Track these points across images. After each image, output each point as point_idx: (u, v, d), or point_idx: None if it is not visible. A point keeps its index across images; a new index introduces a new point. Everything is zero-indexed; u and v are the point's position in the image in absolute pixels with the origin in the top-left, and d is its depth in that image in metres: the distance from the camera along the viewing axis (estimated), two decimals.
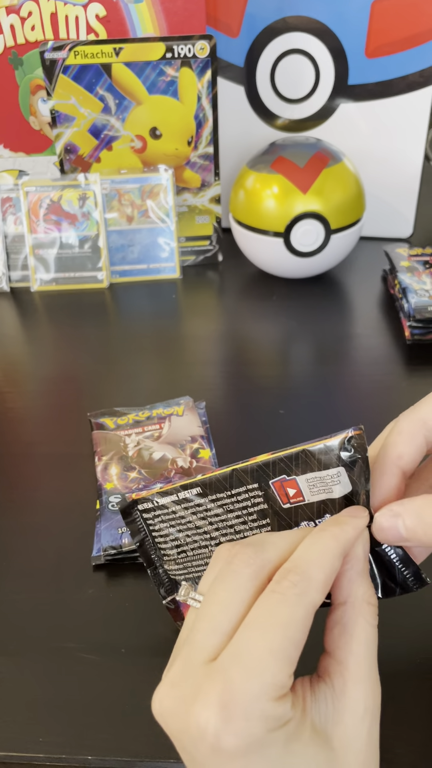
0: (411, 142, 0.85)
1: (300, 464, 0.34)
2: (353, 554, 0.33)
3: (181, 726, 0.28)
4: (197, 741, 0.28)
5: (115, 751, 0.38)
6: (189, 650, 0.30)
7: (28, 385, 0.69)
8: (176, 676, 0.30)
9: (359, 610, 0.32)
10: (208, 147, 0.82)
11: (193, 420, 0.60)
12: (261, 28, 0.82)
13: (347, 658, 0.31)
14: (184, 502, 0.38)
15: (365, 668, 0.31)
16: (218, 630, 0.30)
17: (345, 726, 0.29)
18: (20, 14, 0.80)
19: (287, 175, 0.75)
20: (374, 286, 0.83)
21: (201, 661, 0.29)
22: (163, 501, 0.38)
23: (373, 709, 0.30)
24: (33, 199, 0.82)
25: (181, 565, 0.40)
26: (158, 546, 0.40)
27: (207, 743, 0.28)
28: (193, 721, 0.28)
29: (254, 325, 0.77)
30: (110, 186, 0.82)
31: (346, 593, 0.32)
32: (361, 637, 0.31)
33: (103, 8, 0.78)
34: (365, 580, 0.33)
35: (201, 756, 0.28)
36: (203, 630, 0.30)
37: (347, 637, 0.31)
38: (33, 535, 0.52)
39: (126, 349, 0.74)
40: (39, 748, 0.38)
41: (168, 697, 0.29)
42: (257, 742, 0.27)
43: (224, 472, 0.36)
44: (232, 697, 0.27)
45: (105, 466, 0.55)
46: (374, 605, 0.32)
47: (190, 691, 0.29)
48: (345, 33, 0.81)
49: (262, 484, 0.36)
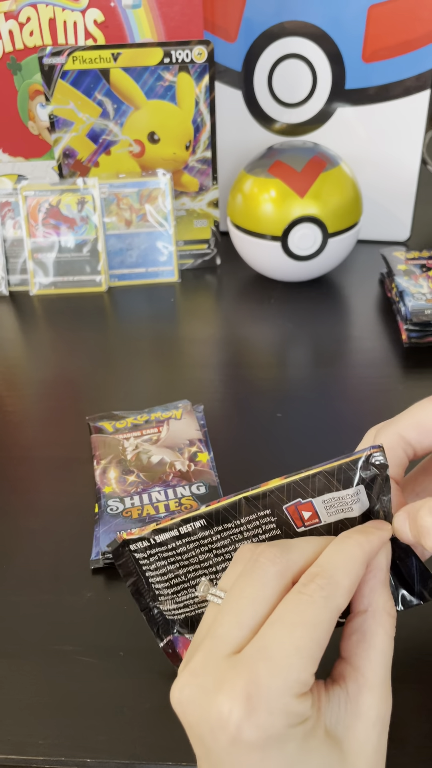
0: (408, 146, 0.86)
1: (317, 486, 0.34)
2: (376, 563, 0.33)
3: (202, 715, 0.29)
4: (217, 731, 0.28)
5: (114, 753, 0.38)
6: (212, 642, 0.31)
7: (27, 388, 0.69)
8: (198, 666, 0.30)
9: (379, 620, 0.32)
10: (206, 151, 0.83)
11: (191, 423, 0.60)
12: (258, 33, 0.82)
13: (364, 666, 0.31)
14: (186, 537, 0.36)
15: (380, 677, 0.31)
16: (243, 624, 0.30)
17: (356, 731, 0.30)
18: (19, 20, 0.80)
19: (285, 180, 0.75)
20: (371, 289, 0.83)
21: (225, 653, 0.30)
22: (161, 538, 0.36)
23: (384, 717, 0.31)
24: (32, 204, 0.82)
25: (181, 604, 0.39)
26: (152, 586, 0.39)
27: (227, 733, 0.28)
28: (215, 710, 0.28)
29: (252, 329, 0.78)
30: (109, 190, 0.83)
31: (368, 602, 0.33)
32: (378, 647, 0.32)
33: (102, 14, 0.79)
34: (386, 591, 0.33)
35: (218, 747, 0.29)
36: (227, 623, 0.31)
37: (365, 645, 0.32)
38: (32, 538, 0.52)
39: (124, 352, 0.74)
40: (38, 751, 0.38)
41: (189, 686, 0.30)
42: (277, 736, 0.28)
43: (232, 501, 0.35)
44: (258, 690, 0.28)
45: (103, 470, 0.56)
46: (394, 617, 0.33)
47: (213, 682, 0.29)
48: (342, 38, 0.81)
49: (275, 510, 0.35)
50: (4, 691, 0.42)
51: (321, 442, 0.60)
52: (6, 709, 0.41)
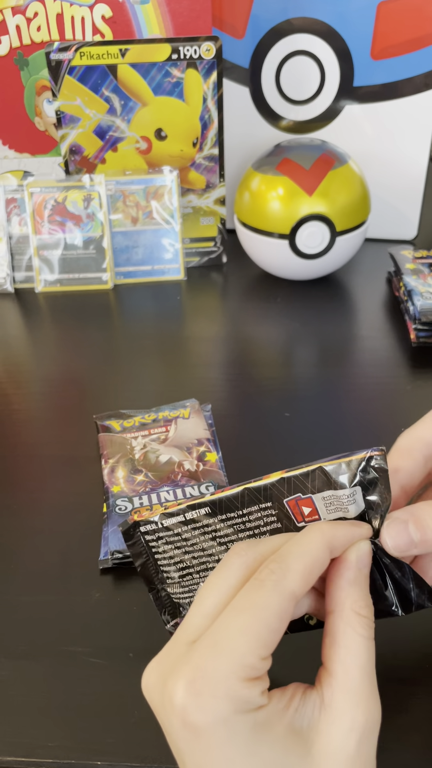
0: (416, 144, 0.85)
1: (316, 482, 0.34)
2: (344, 560, 0.33)
3: (159, 700, 0.30)
4: (170, 715, 0.29)
5: (124, 755, 0.38)
6: (178, 631, 0.32)
7: (33, 386, 0.69)
8: (162, 653, 0.31)
9: (347, 620, 0.31)
10: (213, 148, 0.82)
11: (199, 423, 0.60)
12: (266, 30, 0.82)
13: (335, 668, 0.30)
14: (191, 523, 0.37)
15: (355, 680, 0.30)
16: (203, 612, 0.31)
17: (328, 736, 0.29)
18: (26, 15, 0.80)
19: (293, 177, 0.75)
20: (379, 287, 0.82)
21: (185, 641, 0.31)
22: (168, 522, 0.37)
23: (364, 725, 0.29)
24: (38, 200, 0.82)
25: (186, 588, 0.40)
26: (161, 568, 0.39)
27: (177, 717, 0.29)
28: (167, 694, 0.29)
29: (258, 327, 0.77)
30: (115, 187, 0.82)
31: (334, 602, 0.32)
32: (350, 648, 0.31)
33: (109, 9, 0.78)
34: (356, 590, 0.32)
35: (174, 731, 0.29)
36: (192, 613, 0.32)
37: (336, 646, 0.31)
38: (39, 537, 0.52)
39: (130, 350, 0.74)
40: (47, 753, 0.38)
41: (152, 672, 0.31)
42: (224, 721, 0.28)
43: (235, 491, 0.35)
44: (202, 674, 0.29)
45: (112, 469, 0.55)
46: (365, 616, 0.32)
47: (169, 668, 0.30)
48: (350, 35, 0.81)
49: (275, 503, 0.35)
50: (13, 693, 0.41)
51: (329, 442, 0.60)
52: (15, 711, 0.40)
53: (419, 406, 0.63)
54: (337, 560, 0.33)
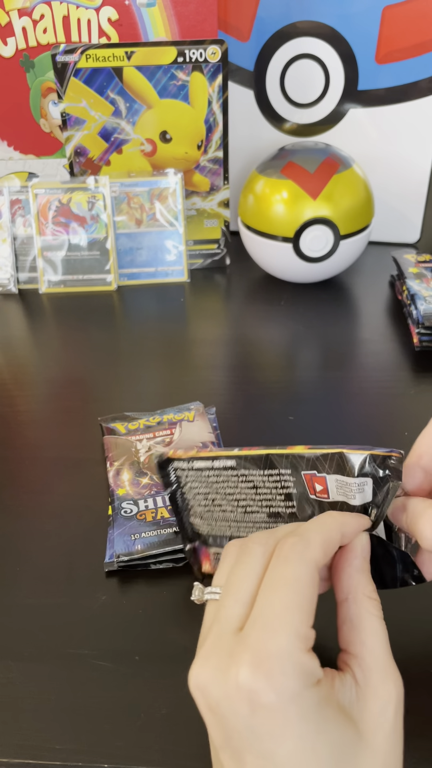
0: (420, 148, 0.86)
1: (333, 465, 0.36)
2: (351, 548, 0.35)
3: (221, 692, 0.30)
4: (237, 703, 0.29)
5: (131, 758, 0.38)
6: (218, 626, 0.32)
7: (37, 388, 0.69)
8: (208, 650, 0.31)
9: (361, 604, 0.33)
10: (217, 151, 0.82)
11: (204, 426, 0.60)
12: (271, 33, 0.82)
13: (362, 651, 0.32)
14: (217, 470, 0.40)
15: (381, 659, 0.32)
16: (241, 600, 0.32)
17: (369, 712, 0.31)
18: (32, 17, 0.80)
19: (297, 181, 0.75)
20: (382, 291, 0.83)
21: (230, 631, 0.31)
22: (198, 465, 0.40)
23: (397, 699, 0.31)
24: (42, 202, 0.82)
25: (206, 521, 0.43)
26: (186, 499, 0.42)
27: (247, 702, 0.29)
28: (232, 683, 0.29)
29: (262, 330, 0.77)
30: (119, 189, 0.82)
31: (347, 589, 0.34)
32: (369, 629, 0.33)
33: (116, 12, 0.78)
34: (364, 576, 0.34)
35: (240, 721, 0.29)
36: (228, 604, 0.32)
37: (357, 631, 0.33)
38: (45, 540, 0.52)
39: (134, 352, 0.74)
40: (54, 756, 0.38)
41: (204, 669, 0.31)
42: (295, 696, 0.29)
43: (259, 454, 0.38)
44: (266, 655, 0.29)
45: (117, 472, 0.55)
46: (375, 599, 0.34)
47: (225, 660, 0.30)
48: (355, 38, 0.81)
49: (294, 472, 0.38)
50: (20, 696, 0.41)
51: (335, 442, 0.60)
52: (22, 714, 0.41)
53: (422, 410, 0.64)
54: (343, 551, 0.35)
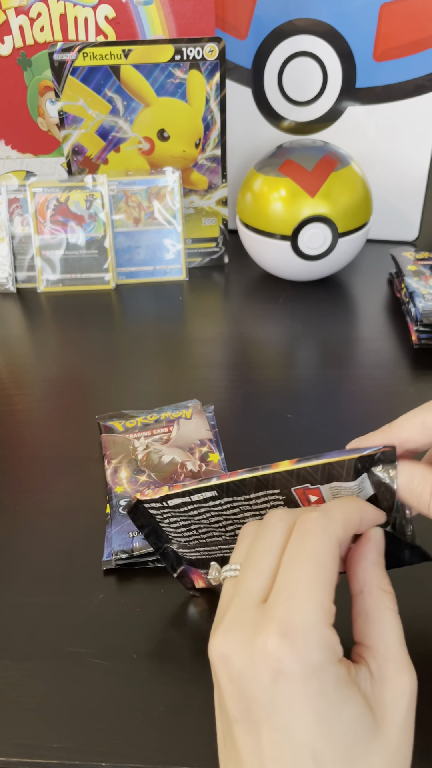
0: (418, 146, 0.85)
1: (325, 475, 0.36)
2: (367, 540, 0.35)
3: (245, 661, 0.30)
4: (260, 672, 0.29)
5: (129, 757, 0.38)
6: (239, 598, 0.32)
7: (35, 387, 0.69)
8: (231, 621, 0.31)
9: (376, 597, 0.33)
10: (215, 149, 0.82)
11: (201, 423, 0.60)
12: (269, 31, 0.82)
13: (377, 643, 0.32)
14: (196, 503, 0.39)
15: (396, 651, 0.32)
16: (263, 573, 0.32)
17: (384, 704, 0.31)
18: (29, 15, 0.80)
19: (295, 179, 0.75)
20: (380, 289, 0.83)
21: (253, 604, 0.31)
22: (174, 502, 0.39)
23: (411, 692, 0.31)
24: (40, 200, 0.82)
25: (191, 549, 0.42)
26: (165, 531, 0.42)
27: (271, 671, 0.29)
28: (259, 652, 0.29)
29: (260, 328, 0.77)
30: (117, 187, 0.82)
31: (362, 582, 0.34)
32: (384, 622, 0.33)
33: (113, 10, 0.78)
34: (379, 570, 0.34)
35: (262, 690, 0.29)
36: (249, 577, 0.33)
37: (372, 623, 0.33)
38: (42, 538, 0.52)
39: (132, 350, 0.74)
40: (52, 755, 0.38)
41: (227, 639, 0.31)
42: (317, 669, 0.29)
43: (243, 478, 0.37)
44: (292, 626, 0.29)
45: (114, 470, 0.55)
46: (391, 593, 0.34)
47: (250, 630, 0.30)
48: (353, 36, 0.81)
49: (284, 490, 0.37)
50: (18, 694, 0.41)
51: (331, 444, 0.59)
52: (19, 713, 0.40)
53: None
54: (359, 543, 0.35)
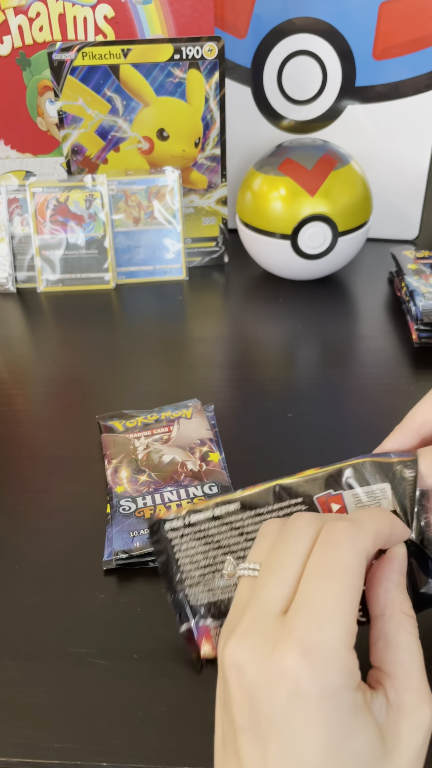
0: (418, 144, 0.85)
1: (349, 479, 0.35)
2: (390, 560, 0.33)
3: (260, 674, 0.29)
4: (276, 688, 0.28)
5: (130, 757, 0.38)
6: (258, 604, 0.31)
7: (35, 387, 0.69)
8: (248, 628, 0.30)
9: (398, 621, 0.32)
10: (215, 148, 0.82)
11: (201, 423, 0.60)
12: (268, 29, 0.82)
13: (396, 669, 0.31)
14: (219, 519, 0.38)
15: (416, 680, 0.31)
16: (285, 581, 0.31)
17: (399, 733, 0.30)
18: (28, 15, 0.80)
19: (295, 178, 0.75)
20: (380, 288, 0.83)
21: (273, 613, 0.30)
22: (195, 519, 0.38)
23: (429, 723, 0.30)
24: (40, 200, 0.82)
25: (206, 586, 0.40)
26: (181, 569, 0.40)
27: (287, 690, 0.28)
28: (276, 668, 0.28)
29: (260, 327, 0.77)
30: (117, 187, 0.82)
31: (383, 604, 0.33)
32: (405, 647, 0.31)
33: (112, 9, 0.78)
34: (401, 592, 0.33)
35: (273, 705, 0.28)
36: (271, 583, 0.31)
37: (392, 648, 0.32)
38: (43, 538, 0.52)
39: (132, 350, 0.74)
40: (52, 754, 0.38)
41: (243, 647, 0.30)
42: (334, 694, 0.28)
43: (267, 488, 0.37)
44: (313, 646, 0.28)
45: (115, 469, 0.55)
46: (412, 617, 0.33)
47: (269, 642, 0.29)
48: (353, 34, 0.81)
49: (306, 499, 0.36)
50: (18, 694, 0.41)
51: (332, 443, 0.60)
52: (20, 712, 0.40)
53: None
54: (380, 563, 0.34)
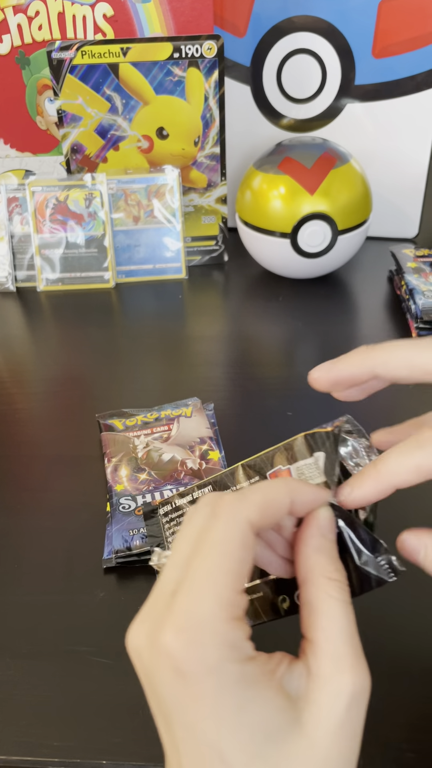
0: (417, 143, 0.85)
1: (294, 454, 0.36)
2: (308, 525, 0.32)
3: (150, 657, 0.29)
4: (162, 669, 0.28)
5: (129, 755, 0.38)
6: (156, 589, 0.31)
7: (35, 386, 0.69)
8: (144, 614, 0.30)
9: (319, 585, 0.31)
10: (214, 147, 0.82)
11: (201, 421, 0.60)
12: (268, 28, 0.82)
13: (317, 636, 0.30)
14: (196, 501, 0.39)
15: (337, 644, 0.29)
16: (177, 562, 0.30)
17: (317, 703, 0.28)
18: (27, 14, 0.80)
19: (294, 176, 0.75)
20: (380, 286, 0.82)
21: (165, 594, 0.30)
22: (180, 502, 0.42)
23: (352, 690, 0.28)
24: (39, 199, 0.82)
25: None
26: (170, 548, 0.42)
27: (168, 668, 0.28)
28: (156, 647, 0.28)
29: (260, 326, 0.77)
30: (117, 186, 0.82)
31: (304, 571, 0.32)
32: (327, 613, 0.30)
33: (111, 8, 0.78)
34: (323, 556, 0.32)
35: (164, 685, 0.28)
36: (167, 567, 0.31)
37: (314, 614, 0.30)
38: (43, 537, 0.52)
39: (132, 349, 0.74)
40: (53, 752, 0.38)
41: (138, 633, 0.30)
42: (213, 668, 0.27)
43: (232, 468, 0.39)
44: (187, 621, 0.28)
45: (115, 468, 0.55)
46: (336, 579, 0.31)
47: (157, 623, 0.29)
48: (352, 33, 0.81)
49: (262, 477, 0.38)
50: (19, 693, 0.41)
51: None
52: (20, 711, 0.40)
53: (421, 405, 0.63)
54: (300, 530, 0.33)
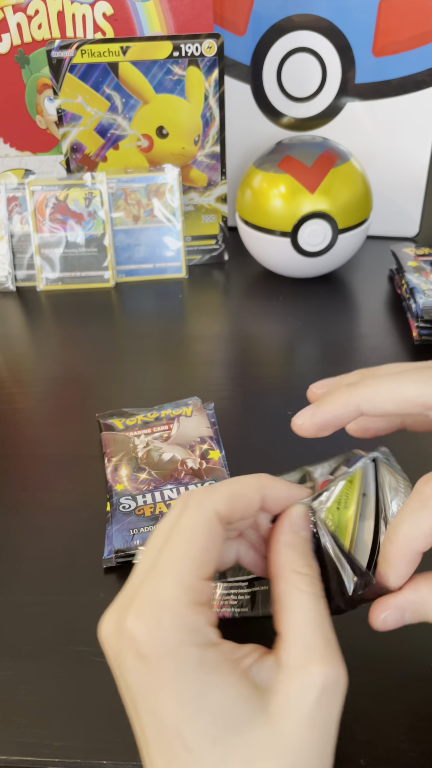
0: (418, 141, 0.85)
1: None
2: (279, 523, 0.33)
3: (116, 642, 0.29)
4: (125, 653, 0.29)
5: (130, 755, 0.38)
6: (129, 581, 0.31)
7: (35, 385, 0.69)
8: (114, 604, 0.31)
9: (287, 580, 0.31)
10: (214, 146, 0.82)
11: (201, 421, 0.59)
12: (268, 27, 0.82)
13: (287, 629, 0.30)
14: None
15: (306, 636, 0.29)
16: (150, 555, 0.31)
17: (285, 694, 0.28)
18: (27, 12, 0.80)
19: (295, 175, 0.75)
20: (381, 285, 0.82)
21: (135, 584, 0.30)
22: None
23: (323, 681, 0.28)
24: (39, 199, 0.82)
25: None
26: None
27: (130, 651, 0.28)
28: (121, 632, 0.29)
29: (261, 325, 0.77)
30: (116, 185, 0.82)
31: (275, 566, 0.32)
32: (295, 605, 0.30)
33: (110, 7, 0.78)
34: (293, 551, 0.32)
35: (128, 669, 0.29)
36: (140, 559, 0.32)
37: (284, 609, 0.30)
38: (43, 537, 0.52)
39: (132, 348, 0.74)
40: (53, 753, 0.38)
41: (109, 621, 0.31)
42: (172, 651, 0.28)
43: None
44: (148, 603, 0.29)
45: (115, 468, 0.55)
46: (305, 574, 0.31)
47: (124, 610, 0.30)
48: (352, 31, 0.80)
49: None
50: (19, 693, 0.41)
51: (332, 441, 0.60)
52: (21, 711, 0.40)
53: None
54: (273, 527, 0.34)
